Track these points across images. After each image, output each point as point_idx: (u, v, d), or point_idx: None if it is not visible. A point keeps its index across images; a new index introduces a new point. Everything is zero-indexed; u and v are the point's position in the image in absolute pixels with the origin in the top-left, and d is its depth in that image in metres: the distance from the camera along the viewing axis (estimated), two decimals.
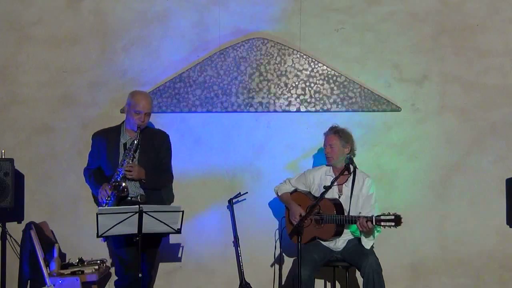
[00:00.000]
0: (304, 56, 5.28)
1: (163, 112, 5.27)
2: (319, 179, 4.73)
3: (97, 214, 3.96)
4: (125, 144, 4.53)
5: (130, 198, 4.47)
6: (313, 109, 5.28)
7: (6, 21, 5.36)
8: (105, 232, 4.01)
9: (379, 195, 4.83)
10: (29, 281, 4.88)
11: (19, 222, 5.22)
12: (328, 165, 4.75)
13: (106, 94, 5.33)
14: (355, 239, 4.63)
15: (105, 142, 4.57)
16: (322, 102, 5.27)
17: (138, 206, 4.02)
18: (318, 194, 4.62)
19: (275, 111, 5.29)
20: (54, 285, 4.62)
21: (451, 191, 5.24)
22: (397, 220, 4.25)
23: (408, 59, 5.28)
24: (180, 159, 5.08)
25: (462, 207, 5.23)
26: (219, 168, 5.31)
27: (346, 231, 4.62)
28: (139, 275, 4.08)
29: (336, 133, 4.67)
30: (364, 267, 4.38)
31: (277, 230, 5.10)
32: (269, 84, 5.30)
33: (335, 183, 4.38)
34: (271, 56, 5.30)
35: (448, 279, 5.23)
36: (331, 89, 5.27)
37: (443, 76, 5.27)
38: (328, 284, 5.21)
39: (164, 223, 4.08)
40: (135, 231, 4.04)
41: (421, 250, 5.24)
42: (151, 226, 4.05)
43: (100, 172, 4.62)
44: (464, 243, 5.22)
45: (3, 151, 4.95)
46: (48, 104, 5.34)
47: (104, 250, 5.18)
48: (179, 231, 4.17)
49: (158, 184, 4.64)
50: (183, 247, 5.27)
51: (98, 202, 4.57)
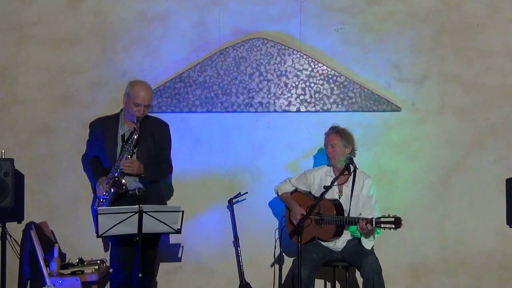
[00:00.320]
0: (304, 56, 5.28)
1: (163, 112, 5.26)
2: (320, 179, 4.73)
3: (97, 214, 3.96)
4: (123, 136, 4.44)
5: (128, 192, 4.40)
6: (313, 109, 5.28)
7: (6, 21, 5.36)
8: (105, 232, 4.01)
9: (379, 195, 4.83)
10: (29, 281, 4.88)
11: (19, 222, 5.22)
12: (329, 165, 4.76)
13: (106, 94, 5.33)
14: (355, 239, 4.63)
15: (103, 132, 4.48)
16: (322, 102, 5.27)
17: (138, 206, 4.02)
18: (318, 194, 4.61)
19: (275, 111, 5.29)
20: (54, 285, 4.61)
21: (451, 191, 5.24)
22: (397, 223, 4.24)
23: (408, 59, 5.28)
24: (180, 159, 5.08)
25: (462, 207, 5.23)
26: (219, 168, 5.31)
27: (346, 231, 4.62)
28: (139, 275, 4.08)
29: (338, 133, 4.67)
30: (364, 267, 4.38)
31: (277, 230, 5.10)
32: (269, 84, 5.30)
33: (335, 183, 4.38)
34: (271, 56, 5.30)
35: (448, 279, 5.23)
36: (331, 89, 5.27)
37: (443, 76, 5.27)
38: (328, 284, 5.21)
39: (164, 223, 4.08)
40: (135, 231, 4.03)
41: (421, 250, 5.24)
42: (151, 226, 4.04)
43: (98, 161, 4.52)
44: (464, 243, 5.22)
45: (3, 151, 4.95)
46: (48, 104, 5.34)
47: (104, 250, 5.18)
48: (179, 231, 4.17)
49: (158, 177, 4.58)
50: (183, 247, 5.27)
51: (94, 190, 4.51)
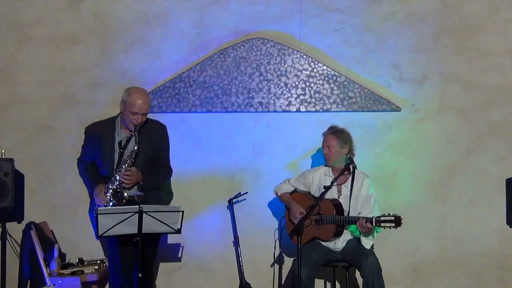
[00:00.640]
0: (304, 56, 5.28)
1: (163, 112, 5.26)
2: (318, 179, 4.72)
3: (97, 214, 3.96)
4: (120, 142, 4.39)
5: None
6: (313, 109, 5.28)
7: (6, 21, 5.36)
8: (105, 232, 4.00)
9: (379, 195, 4.82)
10: (29, 281, 4.88)
11: (19, 222, 5.21)
12: (326, 165, 4.75)
13: (106, 94, 5.33)
14: (355, 239, 4.62)
15: (99, 138, 4.40)
16: (322, 102, 5.27)
17: (138, 206, 4.01)
18: (317, 195, 4.62)
19: (275, 111, 5.29)
20: (54, 285, 4.62)
21: (451, 191, 5.24)
22: (397, 221, 4.25)
23: (408, 59, 5.28)
24: (180, 159, 5.08)
25: (462, 207, 5.23)
26: (219, 168, 5.31)
27: (345, 231, 4.62)
28: (139, 275, 4.07)
29: (334, 133, 4.64)
30: (364, 267, 4.38)
31: (276, 230, 5.10)
32: (269, 84, 5.30)
33: (334, 183, 4.38)
34: (271, 56, 5.29)
35: (448, 279, 5.23)
36: (331, 89, 5.27)
37: (443, 76, 5.27)
38: (328, 284, 5.21)
39: (164, 223, 4.07)
40: (135, 231, 4.02)
41: (421, 250, 5.24)
42: (151, 226, 4.04)
43: (95, 167, 4.45)
44: (464, 243, 5.22)
45: (3, 151, 4.95)
46: (48, 104, 5.34)
47: (104, 250, 5.18)
48: (179, 231, 4.16)
49: (157, 183, 4.53)
50: (183, 247, 5.27)
51: (91, 196, 4.46)
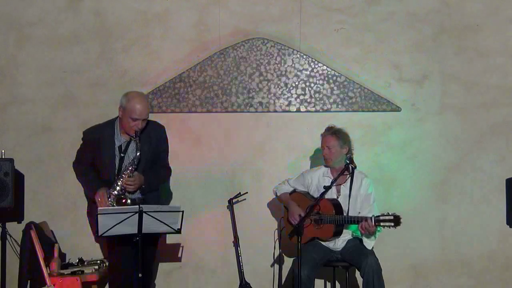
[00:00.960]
0: (304, 56, 5.28)
1: (163, 112, 5.26)
2: (317, 180, 4.72)
3: (97, 214, 3.96)
4: (119, 147, 4.40)
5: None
6: (313, 109, 5.27)
7: (6, 21, 5.36)
8: (105, 232, 4.01)
9: (379, 195, 4.82)
10: (29, 281, 4.87)
11: (19, 222, 5.21)
12: (326, 166, 4.74)
13: (106, 94, 5.32)
14: (355, 239, 4.62)
15: (99, 143, 4.40)
16: (322, 102, 5.27)
17: (138, 206, 4.02)
18: (316, 195, 4.61)
19: (275, 111, 5.29)
20: (54, 285, 4.62)
21: (451, 191, 5.24)
22: (396, 220, 4.25)
23: (408, 59, 5.28)
24: (180, 159, 5.08)
25: (462, 207, 5.23)
26: (219, 168, 5.31)
27: (345, 231, 4.61)
28: (139, 275, 4.07)
29: (334, 134, 4.63)
30: (364, 268, 4.37)
31: (276, 230, 5.09)
32: (269, 84, 5.29)
33: (334, 184, 4.38)
34: (271, 56, 5.29)
35: (448, 280, 5.23)
36: (331, 89, 5.27)
37: (443, 76, 5.27)
38: (328, 284, 5.21)
39: (164, 223, 4.07)
40: (135, 231, 4.02)
41: (421, 250, 5.24)
42: (151, 226, 4.04)
43: (94, 171, 4.45)
44: (464, 243, 5.22)
45: (3, 151, 4.94)
46: (48, 104, 5.34)
47: (104, 250, 5.17)
48: (179, 231, 4.17)
49: (158, 184, 4.55)
50: (183, 247, 5.26)
51: (88, 198, 4.49)
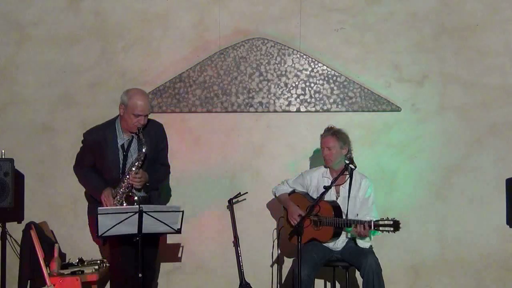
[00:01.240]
0: (304, 56, 5.28)
1: (163, 112, 5.26)
2: (316, 180, 4.71)
3: (97, 214, 3.96)
4: (122, 146, 4.40)
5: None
6: (313, 109, 5.28)
7: (6, 21, 5.36)
8: (105, 232, 4.00)
9: (379, 195, 4.82)
10: (29, 281, 4.87)
11: (19, 222, 5.22)
12: (326, 167, 4.74)
13: (106, 94, 5.32)
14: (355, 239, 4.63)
15: (101, 143, 4.39)
16: (322, 102, 5.27)
17: (138, 206, 4.02)
18: (315, 196, 4.61)
19: (275, 111, 5.29)
20: (54, 285, 4.62)
21: (451, 191, 5.24)
22: (395, 226, 4.25)
23: (408, 59, 5.28)
24: (180, 159, 5.09)
25: (462, 207, 5.23)
26: (219, 168, 5.31)
27: (343, 232, 4.61)
28: (139, 275, 4.07)
29: (334, 134, 4.62)
30: (363, 268, 4.37)
31: (275, 230, 5.09)
32: (269, 84, 5.30)
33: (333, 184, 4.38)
34: (271, 56, 5.29)
35: (448, 280, 5.23)
36: (331, 89, 5.27)
37: (443, 76, 5.27)
38: (328, 284, 5.21)
39: (164, 223, 4.07)
40: (135, 231, 4.03)
41: (421, 250, 5.24)
42: (151, 226, 4.04)
43: (96, 172, 4.44)
44: (464, 243, 5.22)
45: (3, 151, 4.95)
46: (48, 104, 5.34)
47: (104, 250, 5.16)
48: (179, 231, 4.17)
49: (159, 182, 4.57)
50: (183, 247, 5.27)
51: (88, 198, 4.50)
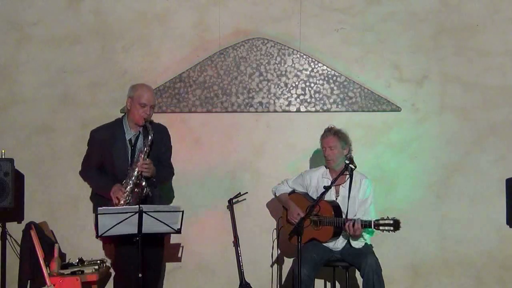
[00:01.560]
0: (304, 56, 5.28)
1: (163, 112, 5.26)
2: (316, 180, 4.71)
3: (97, 214, 3.96)
4: (130, 140, 4.45)
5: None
6: (313, 109, 5.28)
7: (6, 21, 5.36)
8: (105, 232, 4.01)
9: (379, 195, 4.82)
10: (29, 281, 4.88)
11: (19, 222, 5.21)
12: (328, 167, 4.73)
13: (106, 94, 5.33)
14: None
15: (109, 139, 4.43)
16: (322, 102, 5.27)
17: (138, 206, 4.02)
18: (314, 196, 4.61)
19: (275, 111, 5.29)
20: (54, 285, 4.62)
21: (451, 191, 5.24)
22: (395, 225, 4.26)
23: (408, 59, 5.28)
24: (180, 159, 5.08)
25: (462, 207, 5.23)
26: (219, 168, 5.31)
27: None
28: (139, 275, 4.08)
29: (335, 134, 4.62)
30: (363, 268, 4.37)
31: (275, 230, 5.09)
32: (269, 84, 5.30)
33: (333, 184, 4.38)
34: (271, 56, 5.29)
35: (448, 279, 5.23)
36: (331, 89, 5.27)
37: (443, 76, 5.27)
38: (328, 284, 5.21)
39: (164, 223, 4.08)
40: (135, 231, 4.03)
41: (421, 250, 5.24)
42: (151, 226, 4.05)
43: (103, 172, 4.47)
44: (464, 243, 5.22)
45: (3, 151, 4.95)
46: (48, 104, 5.34)
47: (104, 250, 5.18)
48: (179, 231, 4.17)
49: (164, 180, 4.63)
50: (183, 247, 5.27)
51: (95, 200, 4.52)
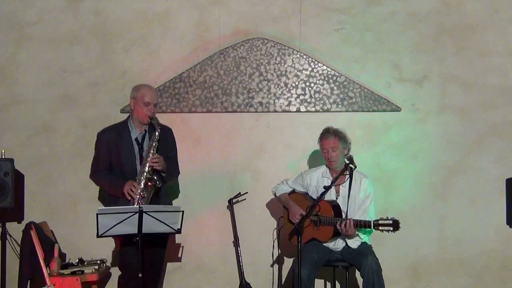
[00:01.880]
0: (304, 56, 5.28)
1: (163, 112, 5.26)
2: (316, 180, 4.71)
3: (97, 214, 3.96)
4: (136, 139, 4.50)
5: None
6: (313, 109, 5.28)
7: (6, 21, 5.36)
8: (105, 232, 4.01)
9: (378, 195, 4.82)
10: (29, 281, 4.88)
11: (19, 222, 5.21)
12: (330, 168, 4.72)
13: (106, 94, 5.33)
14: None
15: (116, 139, 4.48)
16: (322, 102, 5.27)
17: (138, 206, 4.02)
18: (314, 196, 4.61)
19: (275, 111, 5.29)
20: (54, 285, 4.62)
21: (451, 191, 5.24)
22: (395, 225, 4.26)
23: (408, 59, 5.28)
24: (180, 159, 5.07)
25: (462, 207, 5.23)
26: (219, 168, 5.31)
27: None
28: (139, 275, 4.08)
29: (336, 135, 4.62)
30: (364, 267, 4.37)
31: (275, 230, 5.09)
32: (269, 84, 5.30)
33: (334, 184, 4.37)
34: (271, 56, 5.29)
35: (448, 279, 5.23)
36: (331, 89, 5.27)
37: (443, 76, 5.27)
38: (328, 284, 5.21)
39: (164, 223, 4.08)
40: (135, 231, 4.04)
41: (421, 250, 5.24)
42: (151, 226, 4.05)
43: (114, 173, 4.50)
44: (464, 243, 5.22)
45: (3, 151, 4.95)
46: (48, 104, 5.34)
47: (104, 250, 5.18)
48: (179, 231, 4.17)
49: (173, 176, 4.69)
50: (183, 247, 5.27)
51: (106, 201, 4.57)
